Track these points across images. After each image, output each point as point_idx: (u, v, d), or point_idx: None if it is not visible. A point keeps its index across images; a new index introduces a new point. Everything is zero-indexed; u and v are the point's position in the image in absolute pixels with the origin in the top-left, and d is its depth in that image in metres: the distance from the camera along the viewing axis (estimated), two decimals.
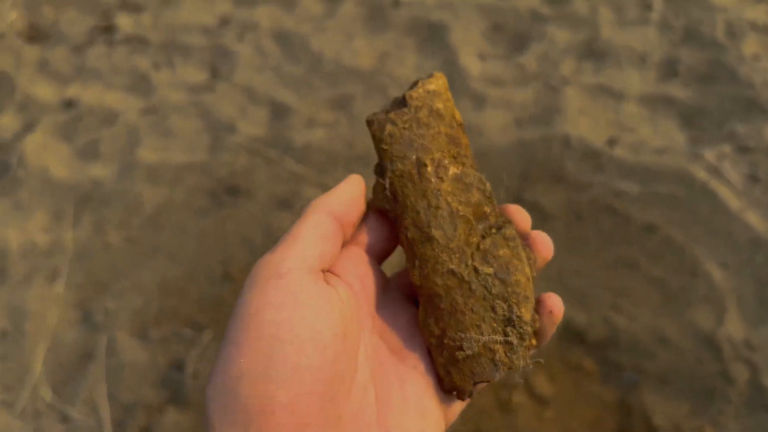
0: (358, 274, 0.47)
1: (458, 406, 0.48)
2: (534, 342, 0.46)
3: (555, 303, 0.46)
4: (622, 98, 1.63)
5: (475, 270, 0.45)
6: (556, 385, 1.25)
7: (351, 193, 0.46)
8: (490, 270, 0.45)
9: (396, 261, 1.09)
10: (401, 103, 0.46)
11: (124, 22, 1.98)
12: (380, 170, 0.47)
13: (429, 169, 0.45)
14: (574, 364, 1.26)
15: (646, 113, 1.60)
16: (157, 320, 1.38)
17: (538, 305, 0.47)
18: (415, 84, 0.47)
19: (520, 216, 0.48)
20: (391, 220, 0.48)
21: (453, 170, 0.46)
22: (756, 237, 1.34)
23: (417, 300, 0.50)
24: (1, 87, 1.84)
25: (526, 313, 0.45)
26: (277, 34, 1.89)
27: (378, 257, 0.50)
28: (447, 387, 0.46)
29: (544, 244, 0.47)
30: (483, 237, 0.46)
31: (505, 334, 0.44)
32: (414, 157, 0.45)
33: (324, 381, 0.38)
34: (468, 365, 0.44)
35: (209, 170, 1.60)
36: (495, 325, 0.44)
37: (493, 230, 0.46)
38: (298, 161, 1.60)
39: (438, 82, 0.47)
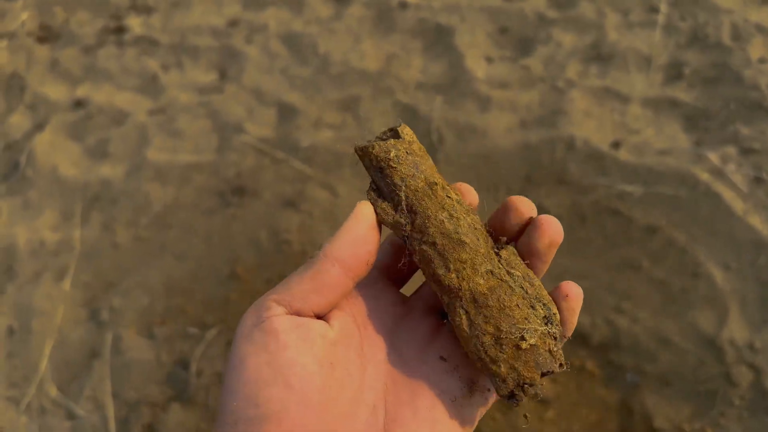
0: (372, 296, 0.49)
1: (474, 412, 0.48)
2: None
3: (571, 288, 0.47)
4: (627, 101, 1.63)
5: (509, 272, 0.46)
6: (557, 386, 1.25)
7: (358, 233, 0.46)
8: (519, 273, 0.46)
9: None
10: (393, 135, 0.49)
11: (134, 23, 2.00)
12: (380, 192, 0.48)
13: (439, 187, 0.47)
14: (577, 365, 1.26)
15: (650, 115, 1.59)
16: (163, 319, 1.39)
17: (554, 293, 0.47)
18: (386, 132, 0.50)
19: (524, 206, 0.48)
20: (401, 240, 0.49)
21: (454, 195, 0.48)
22: (759, 239, 1.34)
23: (442, 311, 0.51)
24: (12, 86, 1.87)
25: (557, 314, 0.46)
26: (285, 36, 1.91)
27: (395, 279, 0.52)
28: (509, 387, 0.45)
29: (552, 226, 0.47)
30: (496, 251, 0.47)
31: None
32: (422, 176, 0.47)
33: (314, 407, 0.41)
34: (532, 355, 0.45)
35: (217, 170, 1.62)
36: (538, 321, 0.46)
37: (500, 247, 0.48)
38: (305, 162, 1.61)
39: (406, 129, 0.49)
